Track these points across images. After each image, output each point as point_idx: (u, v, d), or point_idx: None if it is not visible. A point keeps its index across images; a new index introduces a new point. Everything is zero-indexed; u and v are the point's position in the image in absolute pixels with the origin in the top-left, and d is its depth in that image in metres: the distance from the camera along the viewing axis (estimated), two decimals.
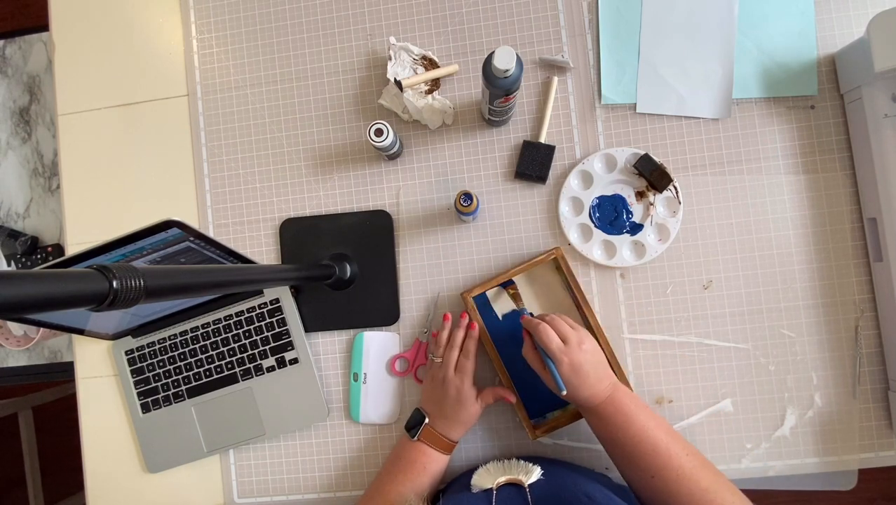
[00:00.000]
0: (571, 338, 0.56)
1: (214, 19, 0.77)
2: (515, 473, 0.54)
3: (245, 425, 0.72)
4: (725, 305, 0.69)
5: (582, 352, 0.55)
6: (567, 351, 0.55)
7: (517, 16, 0.73)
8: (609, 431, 0.56)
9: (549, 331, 0.56)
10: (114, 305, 0.32)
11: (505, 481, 0.53)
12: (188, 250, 0.55)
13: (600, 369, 0.57)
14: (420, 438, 0.63)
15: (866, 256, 0.68)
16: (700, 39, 0.70)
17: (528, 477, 0.53)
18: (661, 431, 0.54)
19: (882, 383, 0.67)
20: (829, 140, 0.69)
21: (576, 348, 0.55)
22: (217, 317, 0.72)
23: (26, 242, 0.89)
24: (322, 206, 0.74)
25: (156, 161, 0.77)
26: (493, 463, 0.59)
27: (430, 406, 0.65)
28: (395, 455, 0.65)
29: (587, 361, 0.55)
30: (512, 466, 0.57)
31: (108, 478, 0.75)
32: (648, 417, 0.55)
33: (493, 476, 0.54)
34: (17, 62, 0.96)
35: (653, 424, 0.55)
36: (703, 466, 0.52)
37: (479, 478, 0.55)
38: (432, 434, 0.63)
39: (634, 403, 0.56)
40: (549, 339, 0.56)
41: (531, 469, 0.55)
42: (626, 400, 0.56)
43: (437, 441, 0.63)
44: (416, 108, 0.69)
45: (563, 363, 0.55)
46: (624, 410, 0.55)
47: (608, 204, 0.70)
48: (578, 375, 0.55)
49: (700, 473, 0.52)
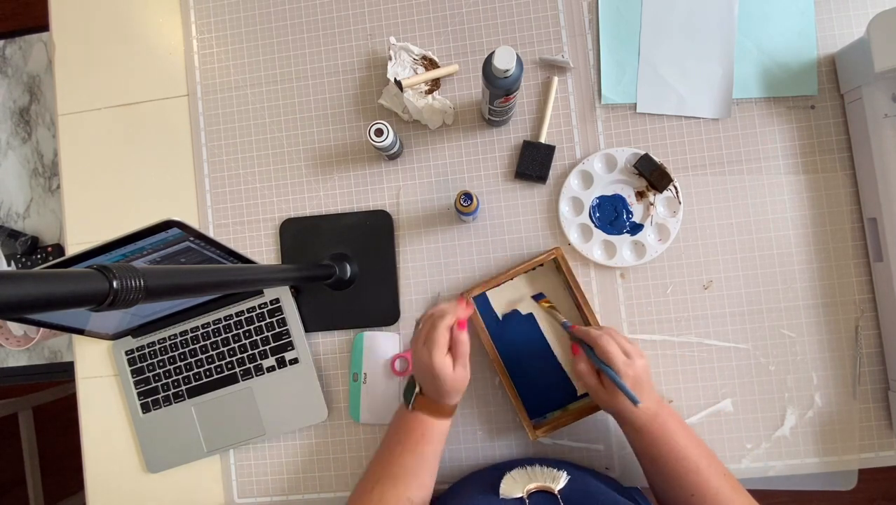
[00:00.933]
0: (632, 351, 0.56)
1: (214, 19, 0.77)
2: (543, 480, 0.54)
3: (245, 425, 0.72)
4: (725, 304, 0.69)
5: (642, 366, 0.55)
6: (631, 364, 0.55)
7: (517, 16, 0.73)
8: (654, 449, 0.56)
9: (612, 343, 0.56)
10: (114, 305, 0.32)
11: (535, 489, 0.53)
12: (188, 250, 0.55)
13: (650, 385, 0.57)
14: (415, 407, 0.59)
15: (866, 255, 0.68)
16: (700, 39, 0.70)
17: (556, 483, 0.53)
18: (702, 449, 0.56)
19: (882, 383, 0.67)
20: (829, 140, 0.69)
21: (637, 361, 0.55)
22: (217, 317, 0.72)
23: (26, 242, 0.89)
24: (322, 206, 0.74)
25: (156, 161, 0.77)
26: (517, 471, 0.58)
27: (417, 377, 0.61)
28: (394, 427, 0.62)
29: (645, 377, 0.56)
30: (537, 472, 0.57)
31: (108, 478, 0.75)
32: (690, 437, 0.56)
33: (521, 484, 0.54)
34: (17, 62, 0.96)
35: (694, 442, 0.56)
36: (736, 488, 0.54)
37: (507, 487, 0.55)
38: (425, 402, 0.59)
39: (678, 421, 0.57)
40: (614, 352, 0.55)
41: (557, 475, 0.55)
42: (671, 418, 0.57)
43: (433, 408, 0.59)
44: (416, 108, 0.69)
45: (628, 377, 0.54)
46: (670, 429, 0.56)
47: (608, 204, 0.70)
48: (640, 390, 0.54)
49: (735, 496, 0.53)
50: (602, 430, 0.69)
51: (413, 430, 0.60)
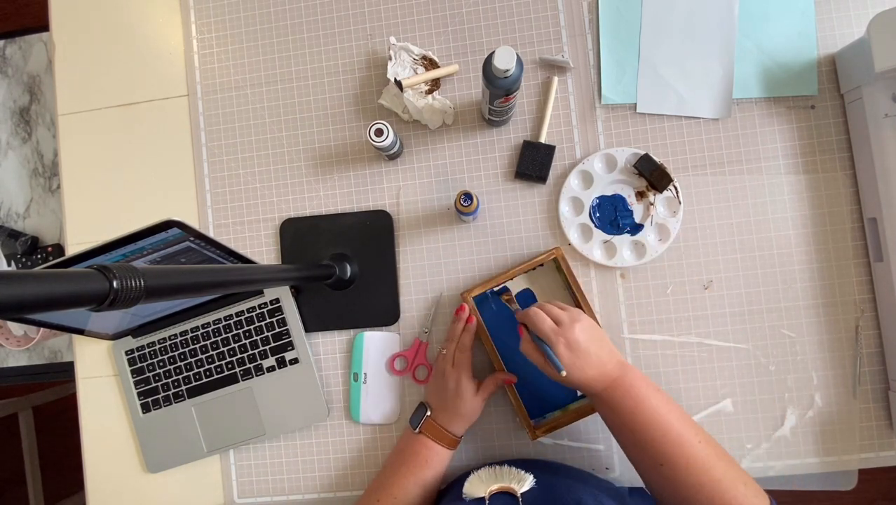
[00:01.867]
0: (563, 318, 0.54)
1: (214, 19, 0.77)
2: (507, 481, 0.53)
3: (245, 425, 0.72)
4: (725, 304, 0.69)
5: (577, 330, 0.53)
6: (561, 331, 0.53)
7: (517, 16, 0.73)
8: (617, 417, 0.53)
9: (540, 314, 0.55)
10: (114, 305, 0.32)
11: (497, 490, 0.52)
12: (188, 250, 0.55)
13: (603, 348, 0.54)
14: (422, 431, 0.62)
15: (866, 255, 0.68)
16: (700, 39, 0.70)
17: (520, 485, 0.52)
18: (673, 415, 0.51)
19: (882, 383, 0.67)
20: (829, 140, 0.69)
21: (569, 326, 0.53)
22: (217, 317, 0.72)
23: (26, 242, 0.89)
24: (322, 206, 0.74)
25: (156, 161, 0.77)
26: (486, 470, 0.57)
27: (432, 399, 0.65)
28: (399, 448, 0.65)
29: (585, 339, 0.53)
30: (504, 473, 0.56)
31: (108, 478, 0.75)
32: (660, 402, 0.52)
33: (486, 484, 0.53)
34: (17, 62, 0.96)
35: (664, 408, 0.52)
36: (718, 454, 0.50)
37: (470, 486, 0.54)
38: (434, 427, 0.62)
39: (645, 384, 0.53)
40: (541, 321, 0.54)
41: (524, 477, 0.54)
42: (635, 382, 0.53)
43: (439, 434, 0.62)
44: (416, 108, 0.69)
45: (559, 343, 0.52)
46: (633, 393, 0.52)
47: (608, 204, 0.70)
48: (577, 353, 0.52)
49: (713, 461, 0.49)
50: (602, 430, 0.69)
51: (417, 453, 0.62)
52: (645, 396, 0.52)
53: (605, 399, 0.54)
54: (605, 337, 0.56)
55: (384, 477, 0.63)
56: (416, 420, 0.64)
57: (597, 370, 0.53)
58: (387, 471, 0.64)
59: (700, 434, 0.51)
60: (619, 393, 0.53)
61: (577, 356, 0.52)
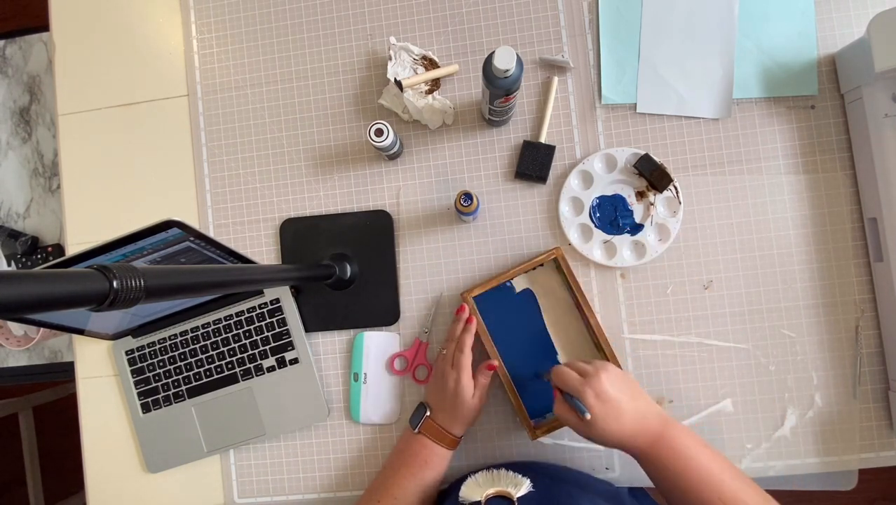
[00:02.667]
0: (588, 369, 0.54)
1: (214, 19, 0.77)
2: (504, 485, 0.53)
3: (245, 425, 0.72)
4: (725, 304, 0.69)
5: (604, 378, 0.52)
6: (587, 382, 0.52)
7: (517, 16, 0.73)
8: (667, 477, 0.51)
9: (565, 369, 0.55)
10: (114, 305, 0.32)
11: (494, 494, 0.52)
12: (188, 250, 0.55)
13: (639, 400, 0.53)
14: (421, 431, 0.63)
15: (867, 255, 0.68)
16: (700, 39, 0.70)
17: (517, 490, 0.52)
18: (727, 473, 0.50)
19: (882, 383, 0.67)
20: (829, 140, 0.69)
21: (595, 376, 0.52)
22: (217, 317, 0.72)
23: (26, 242, 0.89)
24: (322, 206, 0.74)
25: (156, 161, 0.77)
26: (483, 474, 0.57)
27: (432, 399, 0.65)
28: (399, 449, 0.65)
29: (615, 389, 0.52)
30: (501, 477, 0.55)
31: (108, 478, 0.75)
32: (710, 458, 0.51)
33: (482, 488, 0.53)
34: (17, 62, 0.96)
35: (716, 465, 0.50)
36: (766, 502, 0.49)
37: (467, 490, 0.54)
38: (433, 427, 0.63)
39: (692, 440, 0.52)
40: (567, 375, 0.54)
41: (521, 481, 0.53)
42: (681, 438, 0.51)
43: (439, 435, 0.62)
44: (416, 108, 0.69)
45: (587, 394, 0.51)
46: (682, 453, 0.51)
47: (608, 204, 0.70)
48: (608, 404, 0.51)
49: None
50: None
51: (417, 453, 0.62)
52: (694, 455, 0.51)
53: (651, 458, 0.52)
54: (637, 388, 0.54)
55: (384, 477, 0.63)
56: (416, 420, 0.64)
57: (636, 424, 0.52)
58: (387, 471, 0.64)
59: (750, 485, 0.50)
60: (664, 452, 0.51)
61: (609, 407, 0.51)
